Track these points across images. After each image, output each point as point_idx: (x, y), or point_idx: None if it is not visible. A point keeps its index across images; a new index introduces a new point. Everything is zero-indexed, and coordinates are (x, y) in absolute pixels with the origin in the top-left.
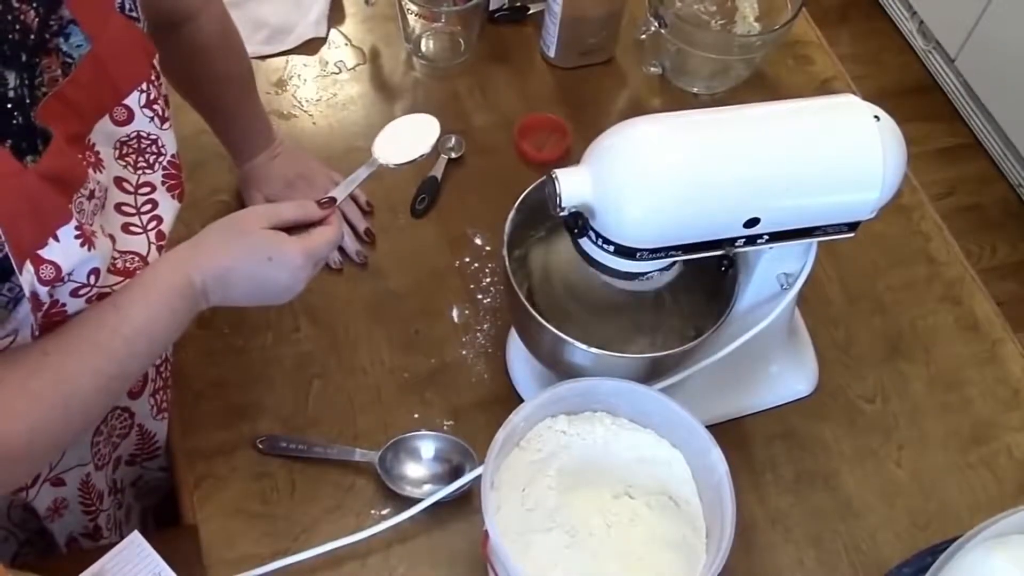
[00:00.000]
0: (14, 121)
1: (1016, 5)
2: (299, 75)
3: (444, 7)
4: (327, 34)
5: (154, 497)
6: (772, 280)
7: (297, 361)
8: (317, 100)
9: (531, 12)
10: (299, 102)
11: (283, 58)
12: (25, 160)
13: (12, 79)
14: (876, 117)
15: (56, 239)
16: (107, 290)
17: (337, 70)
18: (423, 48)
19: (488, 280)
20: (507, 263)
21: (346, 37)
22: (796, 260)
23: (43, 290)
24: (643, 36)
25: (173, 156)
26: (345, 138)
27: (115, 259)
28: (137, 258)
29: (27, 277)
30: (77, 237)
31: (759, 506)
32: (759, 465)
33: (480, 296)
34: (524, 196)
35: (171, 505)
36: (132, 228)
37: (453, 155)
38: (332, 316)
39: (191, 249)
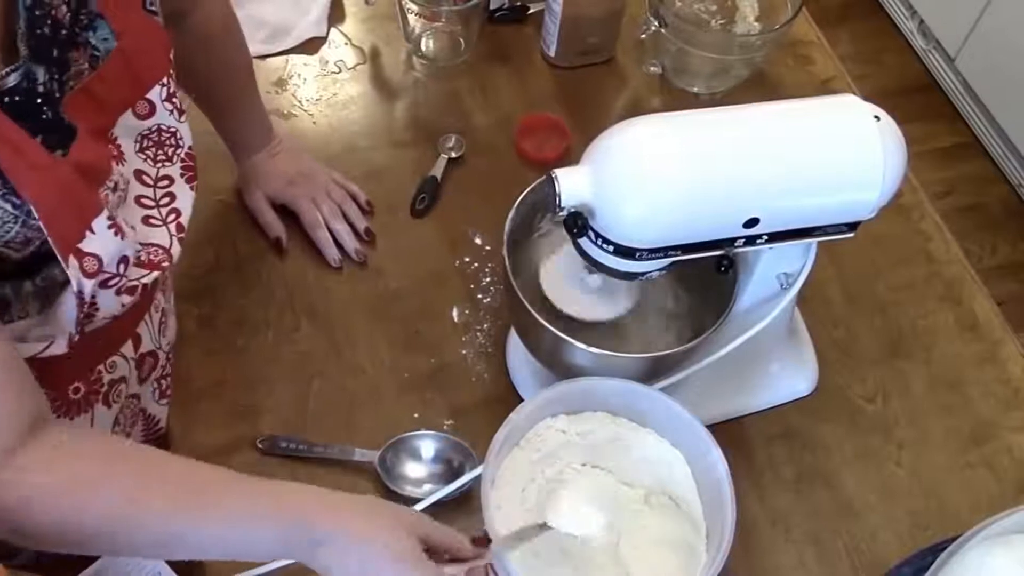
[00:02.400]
0: (44, 115)
1: (1016, 5)
2: (299, 74)
3: (444, 7)
4: (327, 33)
5: None
6: (772, 280)
7: (297, 361)
8: (317, 100)
9: (531, 12)
10: (299, 101)
11: (283, 57)
12: (56, 154)
13: (41, 74)
14: (876, 117)
15: (92, 231)
16: (135, 283)
17: (337, 69)
18: (423, 48)
19: (488, 280)
20: (507, 263)
21: (346, 36)
22: (796, 260)
23: (88, 284)
24: (643, 36)
25: (190, 148)
26: (345, 138)
27: (138, 251)
28: (160, 250)
29: (73, 272)
30: (111, 227)
31: (759, 506)
32: (759, 465)
33: (480, 296)
34: (524, 196)
35: None
36: (152, 220)
37: (453, 155)
38: (332, 316)
39: (343, 503)
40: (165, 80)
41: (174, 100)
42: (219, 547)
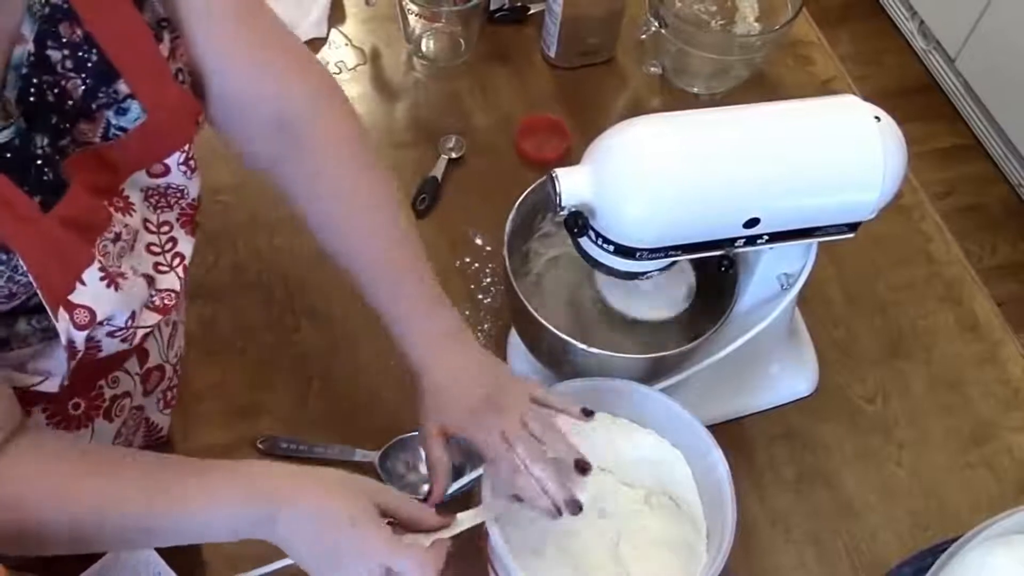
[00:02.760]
0: (44, 178)
1: (1016, 5)
2: None
3: (444, 7)
4: (327, 34)
5: None
6: (772, 280)
7: (297, 361)
8: None
9: (531, 12)
10: None
11: None
12: (46, 207)
13: (39, 139)
14: (876, 117)
15: (83, 283)
16: (146, 328)
17: (337, 70)
18: (423, 48)
19: (488, 280)
20: (507, 263)
21: (346, 37)
22: (796, 260)
23: (79, 336)
24: (643, 36)
25: (193, 200)
26: None
27: (153, 296)
28: (173, 294)
29: (63, 325)
30: (103, 279)
31: (759, 506)
32: (759, 465)
33: (480, 296)
34: (524, 196)
35: None
36: (161, 267)
37: (453, 155)
38: (332, 316)
39: (292, 478)
40: (187, 147)
41: (191, 163)
42: (181, 534)
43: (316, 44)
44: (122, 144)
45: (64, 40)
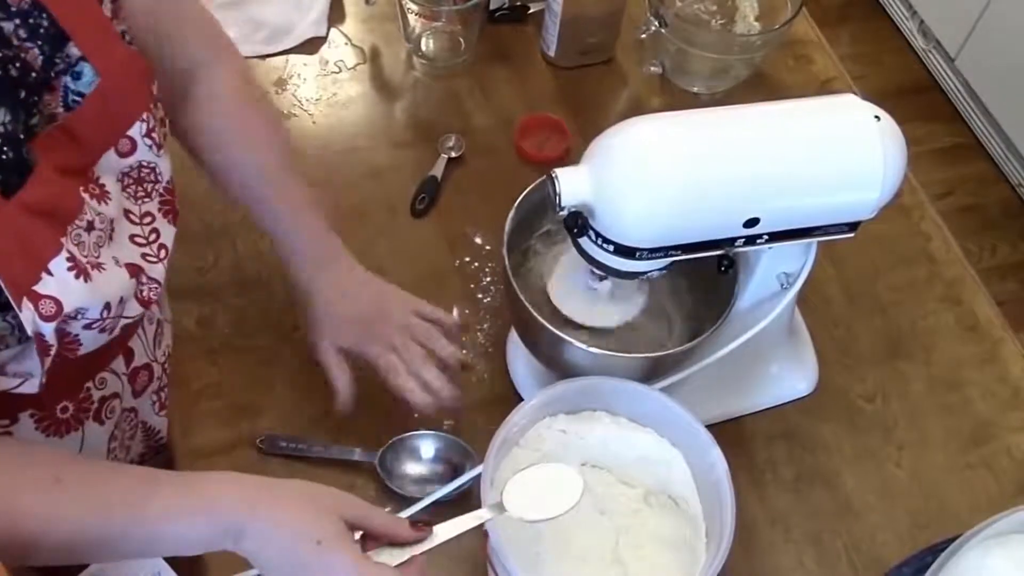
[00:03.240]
0: (3, 156)
1: (1016, 5)
2: (299, 75)
3: (444, 6)
4: (327, 33)
5: None
6: (772, 280)
7: (297, 361)
8: (317, 100)
9: (531, 12)
10: (299, 101)
11: (283, 58)
12: (9, 194)
13: (2, 115)
14: (876, 117)
15: (49, 273)
16: (131, 319)
17: (337, 69)
18: (423, 48)
19: (488, 280)
20: (507, 263)
21: (346, 36)
22: (796, 260)
23: (48, 328)
24: (643, 36)
25: (168, 182)
26: (345, 138)
27: (141, 286)
28: (157, 285)
29: (27, 315)
30: (71, 269)
31: (759, 506)
32: (759, 465)
33: (480, 296)
34: (524, 196)
35: None
36: (149, 258)
37: (453, 155)
38: None
39: (260, 491)
40: (146, 116)
41: (154, 135)
42: (147, 549)
43: (316, 43)
44: (83, 115)
45: (13, 9)
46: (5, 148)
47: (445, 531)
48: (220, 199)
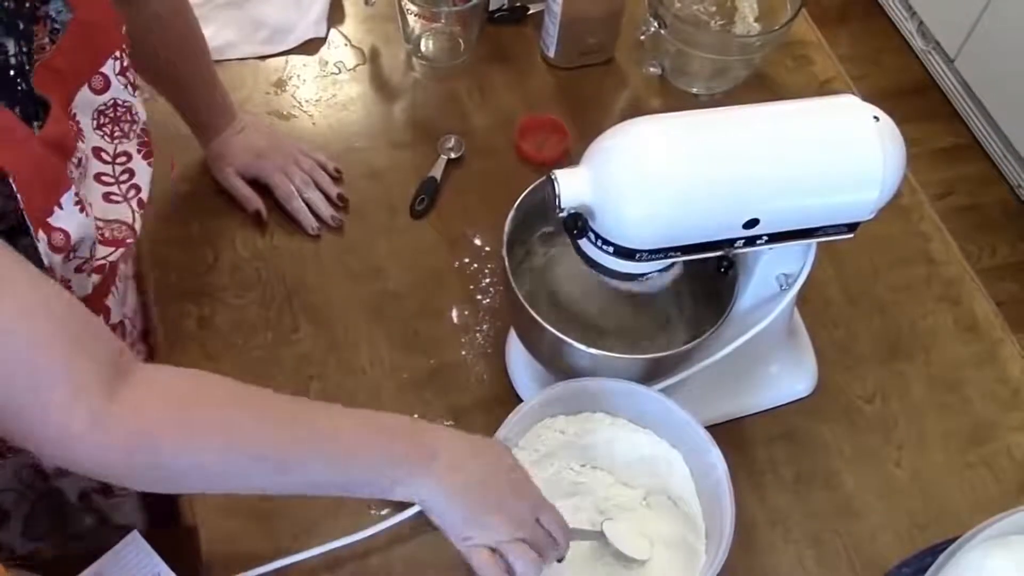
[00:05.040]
0: (18, 88)
1: (1016, 5)
2: (299, 75)
3: (444, 7)
4: (327, 34)
5: None
6: (772, 281)
7: (297, 361)
8: (317, 100)
9: (531, 12)
10: (299, 102)
11: (283, 58)
12: (33, 126)
13: (11, 46)
14: (875, 117)
15: (60, 207)
16: (102, 261)
17: (337, 70)
18: (423, 48)
19: (488, 280)
20: (507, 263)
21: (346, 37)
22: (795, 261)
23: (57, 259)
24: (643, 36)
25: (144, 124)
26: (345, 138)
27: (100, 228)
28: (124, 226)
29: (42, 247)
30: (76, 204)
31: (759, 506)
32: (759, 465)
33: (480, 296)
34: (524, 196)
35: (170, 505)
36: (113, 197)
37: (453, 155)
38: (332, 316)
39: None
40: (118, 53)
41: (128, 74)
42: (316, 473)
43: (315, 44)
44: (64, 47)
45: None
46: (19, 80)
47: (575, 535)
48: (221, 200)
